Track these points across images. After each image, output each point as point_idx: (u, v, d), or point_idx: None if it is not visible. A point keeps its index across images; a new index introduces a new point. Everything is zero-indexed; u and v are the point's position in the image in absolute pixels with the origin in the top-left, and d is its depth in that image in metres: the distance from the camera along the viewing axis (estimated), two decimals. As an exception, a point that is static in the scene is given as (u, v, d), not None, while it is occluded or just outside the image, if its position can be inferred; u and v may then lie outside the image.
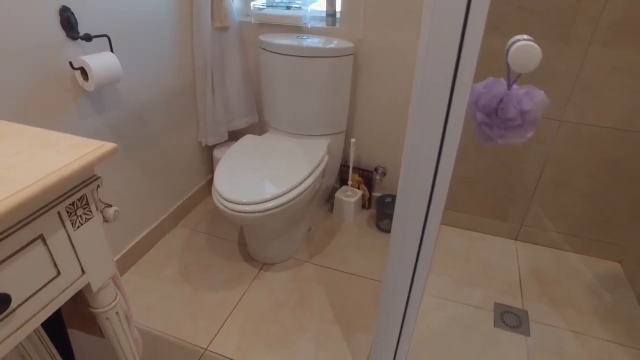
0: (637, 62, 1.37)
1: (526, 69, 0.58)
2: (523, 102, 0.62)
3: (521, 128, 0.64)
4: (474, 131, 0.68)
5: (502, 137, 0.65)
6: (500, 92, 0.63)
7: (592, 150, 1.55)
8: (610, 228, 1.69)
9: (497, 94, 0.63)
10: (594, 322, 1.47)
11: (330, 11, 1.70)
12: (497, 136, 0.65)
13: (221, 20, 1.72)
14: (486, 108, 0.64)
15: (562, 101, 1.51)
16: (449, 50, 0.59)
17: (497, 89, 0.63)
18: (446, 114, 0.62)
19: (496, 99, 0.63)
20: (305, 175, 1.47)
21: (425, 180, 0.75)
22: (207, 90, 1.79)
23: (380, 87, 1.73)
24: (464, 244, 1.83)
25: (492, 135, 0.66)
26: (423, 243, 0.85)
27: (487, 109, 0.64)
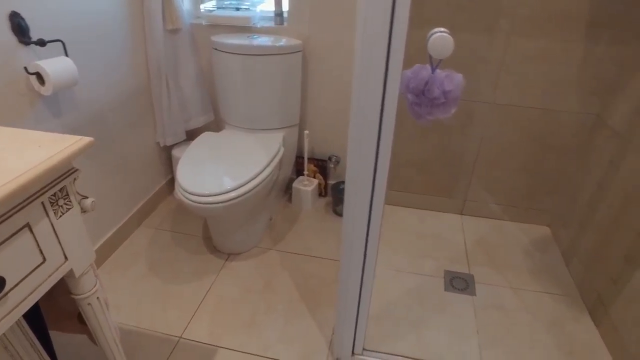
0: (549, 50, 1.57)
1: (443, 56, 0.71)
2: (445, 83, 0.75)
3: (445, 105, 0.77)
4: (408, 111, 0.80)
5: (430, 114, 0.78)
6: (426, 76, 0.75)
7: (520, 128, 1.75)
8: (540, 197, 1.90)
9: (423, 78, 0.75)
10: (528, 278, 1.67)
11: (278, 11, 1.79)
12: (426, 113, 0.78)
13: (172, 22, 1.76)
14: (415, 90, 0.76)
15: (491, 85, 1.69)
16: (380, 46, 0.70)
17: (423, 74, 0.76)
18: (382, 97, 0.74)
19: (423, 81, 0.75)
20: (263, 167, 1.56)
21: (369, 160, 0.86)
22: (162, 91, 1.83)
23: (328, 80, 1.85)
24: (416, 222, 1.99)
25: (422, 113, 0.78)
26: (371, 219, 0.97)
27: (415, 90, 0.76)
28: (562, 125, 1.71)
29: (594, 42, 1.53)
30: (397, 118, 0.80)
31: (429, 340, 1.40)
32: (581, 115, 1.68)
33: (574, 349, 1.39)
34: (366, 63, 0.73)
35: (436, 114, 0.78)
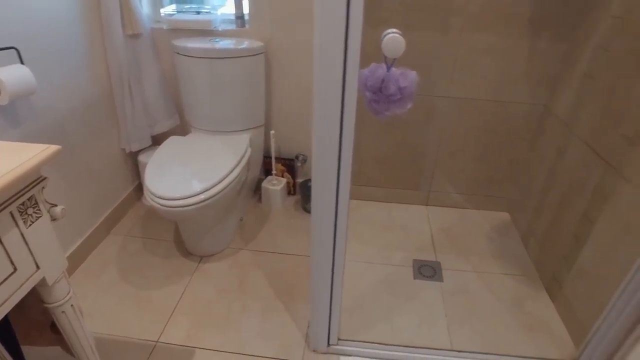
0: (498, 45, 1.66)
1: (396, 55, 0.76)
2: (400, 80, 0.80)
3: (401, 101, 0.82)
4: (367, 107, 0.85)
5: (387, 110, 0.83)
6: (382, 74, 0.80)
7: (476, 120, 1.85)
8: (498, 184, 2.01)
9: (379, 76, 0.80)
10: (490, 262, 1.77)
11: (239, 14, 1.81)
12: (383, 109, 0.83)
13: (132, 27, 1.74)
14: (372, 88, 0.81)
15: (447, 80, 1.77)
16: (337, 47, 0.75)
17: (379, 72, 0.81)
18: (342, 95, 0.78)
19: (379, 79, 0.80)
20: (231, 168, 1.58)
21: (332, 157, 0.91)
22: (125, 96, 1.81)
23: (292, 80, 1.89)
24: (384, 215, 2.06)
25: (380, 109, 0.83)
26: (338, 214, 1.02)
27: (373, 88, 0.81)
28: (514, 115, 1.82)
29: (537, 38, 1.64)
30: (359, 116, 0.85)
31: (400, 327, 1.46)
32: (531, 105, 1.79)
33: (534, 324, 1.49)
34: (325, 63, 0.77)
35: (393, 110, 0.83)
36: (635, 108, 1.21)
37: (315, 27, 0.74)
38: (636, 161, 1.20)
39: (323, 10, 0.72)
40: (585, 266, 1.39)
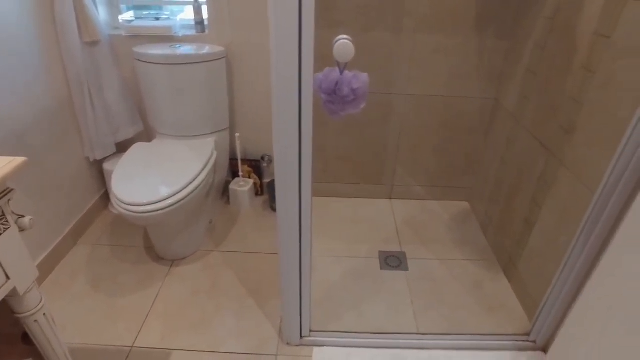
0: (449, 44, 1.76)
1: (346, 60, 0.82)
2: (352, 82, 0.86)
3: (355, 101, 0.88)
4: (323, 109, 0.91)
5: (343, 110, 0.89)
6: (336, 77, 0.86)
7: (432, 115, 1.94)
8: (457, 175, 2.12)
9: (333, 79, 0.86)
10: (452, 249, 1.87)
11: (199, 19, 1.83)
12: (339, 110, 0.89)
13: (89, 34, 1.73)
14: (327, 90, 0.87)
15: (404, 78, 1.86)
16: (292, 54, 0.80)
17: (333, 75, 0.86)
18: (299, 98, 0.84)
19: (333, 82, 0.86)
20: (198, 172, 1.60)
21: (293, 156, 0.96)
22: (85, 104, 1.80)
23: (254, 83, 1.93)
24: (351, 210, 2.13)
25: (335, 110, 0.89)
26: (302, 210, 1.07)
27: (328, 90, 0.87)
28: (467, 109, 1.92)
29: (484, 36, 1.74)
30: (322, 116, 0.90)
31: (369, 315, 1.53)
32: (482, 100, 1.90)
33: (493, 304, 1.60)
34: (281, 69, 0.83)
35: (348, 110, 0.89)
36: (569, 101, 1.33)
37: (270, 35, 0.79)
38: (571, 149, 1.31)
39: (276, 19, 0.77)
40: (535, 247, 1.51)
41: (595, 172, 1.19)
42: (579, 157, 1.28)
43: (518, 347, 1.42)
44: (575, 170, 1.29)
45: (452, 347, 1.42)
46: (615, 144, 1.05)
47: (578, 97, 1.29)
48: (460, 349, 1.42)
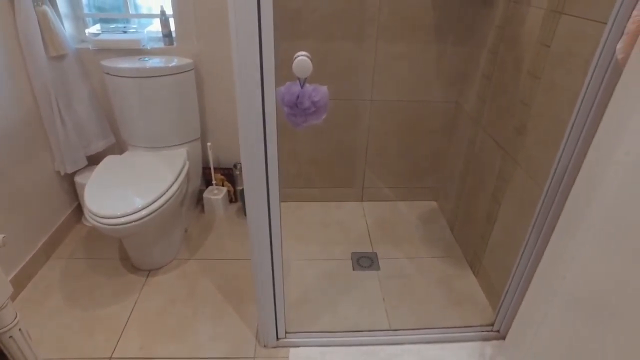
0: (410, 50, 1.85)
1: (305, 75, 0.88)
2: (312, 95, 0.92)
3: (316, 113, 0.94)
4: (286, 120, 0.96)
5: (305, 122, 0.95)
6: (297, 90, 0.92)
7: (397, 118, 2.02)
8: (424, 176, 2.21)
9: (294, 92, 0.92)
10: (421, 247, 1.95)
11: (166, 32, 1.86)
12: (301, 122, 0.94)
13: (55, 48, 1.74)
14: (289, 103, 0.92)
15: (369, 85, 1.93)
16: (254, 68, 0.85)
17: (294, 89, 0.92)
18: (262, 110, 0.89)
19: (294, 95, 0.92)
20: (171, 182, 1.63)
21: (259, 163, 1.01)
22: (55, 118, 1.80)
23: (224, 92, 1.97)
24: (323, 214, 2.19)
25: (298, 121, 0.95)
26: (271, 214, 1.12)
27: (290, 103, 0.92)
28: (431, 112, 2.01)
29: (443, 43, 1.84)
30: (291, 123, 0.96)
31: (343, 315, 1.59)
32: (444, 103, 1.99)
33: (461, 298, 1.68)
34: (244, 82, 0.88)
35: (310, 121, 0.95)
36: (519, 104, 1.43)
37: (232, 51, 0.84)
38: (523, 148, 1.41)
39: (237, 39, 0.83)
40: (497, 241, 1.60)
41: (543, 169, 1.28)
42: (530, 155, 1.37)
43: (483, 337, 1.50)
44: (527, 168, 1.39)
45: (422, 341, 1.49)
46: (558, 142, 1.15)
47: (527, 100, 1.39)
48: (430, 343, 1.49)
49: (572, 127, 1.09)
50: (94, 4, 1.96)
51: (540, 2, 1.32)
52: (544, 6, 1.30)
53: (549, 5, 1.27)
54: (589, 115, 1.06)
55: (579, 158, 1.11)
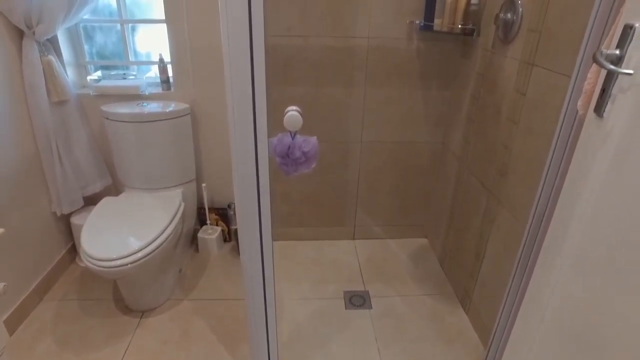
0: (397, 95, 1.95)
1: (295, 129, 0.95)
2: (303, 146, 0.99)
3: (306, 162, 1.00)
4: (278, 169, 1.02)
5: (296, 171, 1.01)
6: (288, 142, 0.98)
7: (387, 159, 2.10)
8: (414, 213, 2.26)
9: (286, 143, 0.98)
10: (412, 285, 1.98)
11: (164, 78, 1.95)
12: (292, 171, 1.00)
13: (58, 94, 1.81)
14: (281, 153, 0.98)
15: (359, 127, 2.02)
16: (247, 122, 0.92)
17: (286, 140, 0.98)
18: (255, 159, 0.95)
19: (286, 146, 0.98)
20: (167, 224, 1.67)
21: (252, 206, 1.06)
22: (54, 161, 1.84)
23: (219, 135, 2.04)
24: (315, 252, 2.22)
25: (289, 170, 1.00)
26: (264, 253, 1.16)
27: (282, 154, 0.98)
28: (419, 153, 2.09)
29: (428, 88, 1.94)
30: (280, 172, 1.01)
31: (336, 354, 1.60)
32: (431, 144, 2.08)
33: (452, 336, 1.70)
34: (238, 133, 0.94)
35: (300, 170, 1.01)
36: (500, 147, 1.50)
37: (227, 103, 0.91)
38: (506, 189, 1.47)
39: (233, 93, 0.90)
40: (486, 279, 1.64)
41: (525, 208, 1.34)
42: (512, 196, 1.44)
43: (475, 375, 1.52)
44: (510, 208, 1.45)
45: (414, 380, 1.50)
46: (537, 184, 1.21)
47: (507, 143, 1.47)
48: (422, 382, 1.50)
49: (548, 169, 1.16)
50: (96, 51, 2.05)
51: (514, 53, 1.42)
52: (518, 57, 1.40)
53: (522, 57, 1.37)
54: (562, 159, 1.13)
55: (556, 198, 1.17)
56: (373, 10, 1.78)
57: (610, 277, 0.74)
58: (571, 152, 1.11)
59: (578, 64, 0.96)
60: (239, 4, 0.84)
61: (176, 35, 1.86)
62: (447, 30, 1.67)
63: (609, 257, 0.74)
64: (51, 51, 1.78)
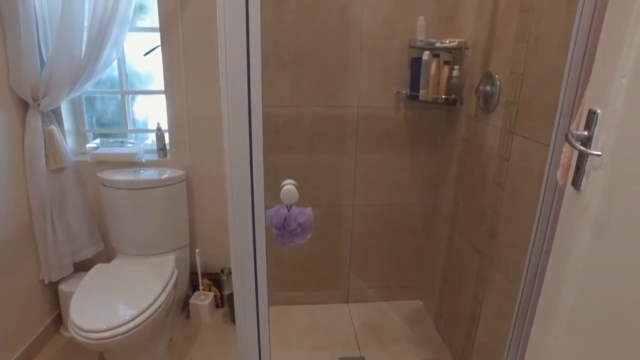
0: (387, 160, 2.02)
1: (292, 202, 0.98)
2: (299, 217, 1.02)
3: (302, 233, 1.03)
4: (275, 240, 1.05)
5: (292, 242, 1.03)
6: (284, 213, 1.01)
7: (378, 221, 2.13)
8: (407, 275, 2.26)
9: (282, 215, 1.01)
10: (409, 349, 1.94)
11: (161, 145, 2.01)
12: (288, 242, 1.03)
13: (56, 162, 1.85)
14: (277, 225, 1.01)
15: (351, 192, 2.07)
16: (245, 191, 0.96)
17: (282, 212, 1.02)
18: (253, 231, 0.98)
19: (282, 218, 1.01)
20: (159, 292, 1.65)
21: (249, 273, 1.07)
22: (47, 228, 1.84)
23: (213, 200, 2.07)
24: (309, 317, 2.18)
25: (285, 242, 1.03)
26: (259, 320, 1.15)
27: (278, 226, 1.01)
28: (410, 215, 2.14)
29: (416, 152, 2.02)
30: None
31: None
32: (422, 206, 2.12)
33: (451, 404, 1.65)
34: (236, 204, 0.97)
35: (296, 241, 1.03)
36: (488, 209, 1.55)
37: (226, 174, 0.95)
38: (497, 251, 1.50)
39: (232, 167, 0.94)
40: (482, 341, 1.62)
41: (517, 270, 1.36)
42: (503, 257, 1.46)
43: None
44: (502, 269, 1.47)
45: None
46: (527, 246, 1.24)
47: (495, 206, 1.52)
48: None
49: (536, 234, 1.20)
50: (96, 119, 2.12)
51: (495, 122, 1.51)
52: (499, 126, 1.49)
53: (503, 126, 1.46)
54: (548, 224, 1.18)
55: (546, 261, 1.20)
56: (362, 81, 1.90)
57: (604, 341, 0.75)
58: (556, 217, 1.16)
59: (554, 137, 1.04)
60: (239, 76, 0.90)
61: (174, 105, 1.94)
62: (431, 100, 1.78)
63: (599, 323, 0.76)
64: (53, 121, 1.85)
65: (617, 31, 0.65)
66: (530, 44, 1.31)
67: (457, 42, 1.71)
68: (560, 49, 1.14)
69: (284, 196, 0.96)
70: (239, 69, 0.90)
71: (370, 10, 1.82)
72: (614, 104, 0.66)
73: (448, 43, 1.71)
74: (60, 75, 1.71)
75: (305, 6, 1.80)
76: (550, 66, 1.21)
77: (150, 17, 1.96)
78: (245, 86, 0.92)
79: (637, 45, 0.60)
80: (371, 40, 1.85)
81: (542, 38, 1.25)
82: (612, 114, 0.67)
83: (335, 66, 1.88)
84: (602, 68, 0.71)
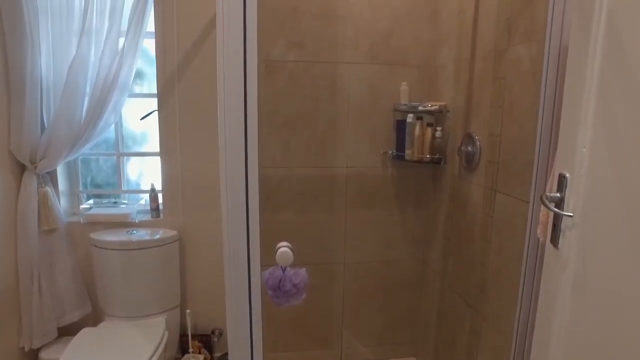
0: (376, 218, 2.07)
1: (286, 264, 1.02)
2: (293, 278, 1.05)
3: (297, 294, 1.06)
4: (270, 301, 1.07)
5: (287, 302, 1.05)
6: (279, 275, 1.04)
7: (370, 278, 2.14)
8: (400, 331, 2.24)
9: (277, 277, 1.04)
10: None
11: (154, 206, 2.04)
12: (284, 302, 1.05)
13: (49, 223, 1.84)
14: (273, 286, 1.03)
15: (342, 250, 2.09)
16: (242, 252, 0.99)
17: (277, 273, 1.04)
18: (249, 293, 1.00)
19: (277, 279, 1.04)
20: (149, 356, 1.61)
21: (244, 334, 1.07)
22: (33, 292, 1.80)
23: (205, 261, 2.07)
24: (302, 378, 2.12)
25: (280, 302, 1.05)
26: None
27: (273, 287, 1.03)
28: (401, 271, 2.16)
29: (404, 210, 2.08)
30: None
31: None
32: (411, 262, 2.15)
33: None
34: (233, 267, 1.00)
35: (291, 302, 1.05)
36: (477, 264, 1.59)
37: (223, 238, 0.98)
38: (487, 305, 1.53)
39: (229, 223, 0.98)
40: (479, 402, 1.59)
41: (508, 323, 1.38)
42: (495, 312, 1.48)
43: None
44: (493, 323, 1.49)
45: None
46: (516, 299, 1.27)
47: (483, 261, 1.56)
48: None
49: (523, 288, 1.24)
50: (90, 180, 2.16)
51: (478, 180, 1.59)
52: (482, 184, 1.56)
53: (486, 184, 1.54)
54: (534, 278, 1.22)
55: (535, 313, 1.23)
56: (350, 142, 1.99)
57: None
58: (541, 272, 1.20)
59: (532, 195, 1.10)
60: (237, 140, 0.97)
61: (169, 166, 2.00)
62: (417, 159, 1.87)
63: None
64: (48, 182, 1.87)
65: (574, 109, 0.73)
66: (505, 108, 1.42)
67: (438, 105, 1.83)
68: (532, 114, 1.25)
69: (280, 258, 0.99)
70: (237, 133, 0.97)
71: (356, 77, 1.95)
72: (579, 169, 0.74)
73: (430, 107, 1.83)
74: (59, 139, 1.76)
75: (295, 74, 1.92)
76: (525, 129, 1.31)
77: (148, 83, 2.07)
78: (243, 150, 0.99)
79: (592, 123, 0.68)
80: (358, 104, 1.97)
81: (515, 103, 1.36)
82: (579, 179, 0.74)
83: (325, 129, 1.97)
84: (565, 138, 0.79)
